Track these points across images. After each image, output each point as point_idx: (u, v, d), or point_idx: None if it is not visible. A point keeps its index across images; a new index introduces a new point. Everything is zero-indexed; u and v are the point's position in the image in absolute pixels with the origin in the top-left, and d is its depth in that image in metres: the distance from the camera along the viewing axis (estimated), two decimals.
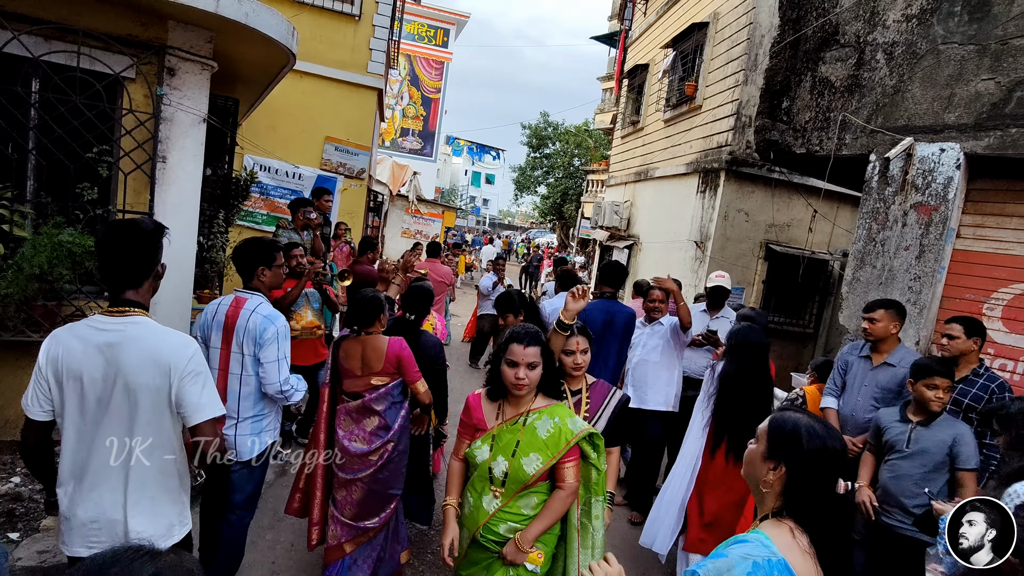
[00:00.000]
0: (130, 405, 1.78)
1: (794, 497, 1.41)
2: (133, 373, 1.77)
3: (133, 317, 1.83)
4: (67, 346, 1.78)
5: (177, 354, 1.82)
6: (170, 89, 3.57)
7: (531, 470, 2.09)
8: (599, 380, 2.80)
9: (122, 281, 1.85)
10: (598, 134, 29.41)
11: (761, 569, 1.30)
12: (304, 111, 8.94)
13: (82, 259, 3.24)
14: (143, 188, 3.55)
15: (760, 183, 8.61)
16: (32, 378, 1.81)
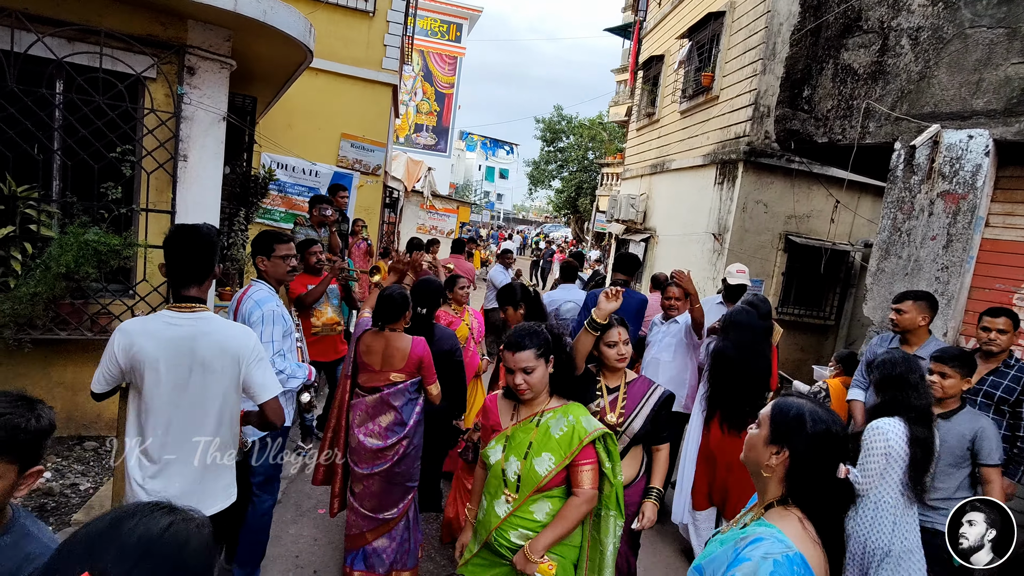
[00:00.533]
0: (204, 389, 2.02)
1: (798, 482, 1.42)
2: (207, 362, 2.00)
3: (200, 313, 2.05)
4: (141, 338, 1.98)
5: (244, 344, 2.07)
6: (190, 88, 3.59)
7: (543, 471, 2.02)
8: (640, 376, 2.76)
9: (188, 279, 2.04)
10: (612, 127, 29.22)
11: (782, 567, 1.31)
12: (320, 109, 8.98)
13: (107, 258, 3.29)
14: (165, 187, 3.58)
15: (779, 173, 8.49)
16: (101, 362, 2.05)
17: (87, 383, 3.72)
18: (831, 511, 1.43)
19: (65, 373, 3.57)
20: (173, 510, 0.81)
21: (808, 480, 1.41)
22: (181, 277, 2.04)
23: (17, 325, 3.21)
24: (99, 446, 3.58)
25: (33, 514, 1.28)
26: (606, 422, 2.59)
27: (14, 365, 3.44)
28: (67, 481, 3.21)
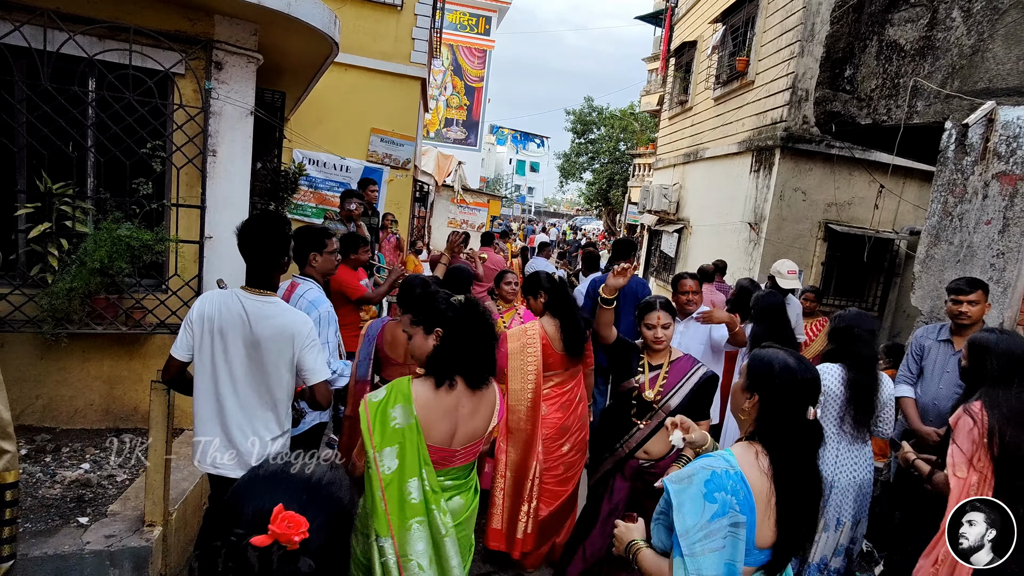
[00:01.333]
0: (262, 363, 2.26)
1: (764, 422, 1.62)
2: (267, 340, 2.24)
3: (268, 297, 2.30)
4: (218, 308, 2.26)
5: (300, 329, 2.29)
6: (218, 83, 3.61)
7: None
8: (685, 355, 2.86)
9: (258, 268, 2.30)
10: (644, 117, 28.75)
11: (718, 478, 1.54)
12: (350, 104, 9.02)
13: (140, 253, 3.32)
14: (195, 182, 3.61)
15: (818, 160, 8.20)
16: (181, 328, 2.31)
17: (123, 376, 3.80)
18: (798, 450, 1.59)
19: (102, 367, 3.64)
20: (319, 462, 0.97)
21: (774, 421, 1.60)
22: (252, 265, 2.29)
23: (55, 320, 3.28)
24: (135, 438, 3.64)
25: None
26: (644, 397, 2.76)
27: (53, 359, 3.52)
28: (104, 472, 3.27)
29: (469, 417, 2.01)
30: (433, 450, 1.93)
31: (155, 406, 2.73)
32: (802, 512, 1.58)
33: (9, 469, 2.21)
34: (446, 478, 2.00)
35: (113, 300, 3.41)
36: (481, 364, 2.03)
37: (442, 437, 1.96)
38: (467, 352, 1.99)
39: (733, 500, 1.51)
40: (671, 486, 1.58)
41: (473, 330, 2.00)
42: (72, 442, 3.52)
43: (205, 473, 3.34)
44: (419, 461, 1.89)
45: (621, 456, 2.80)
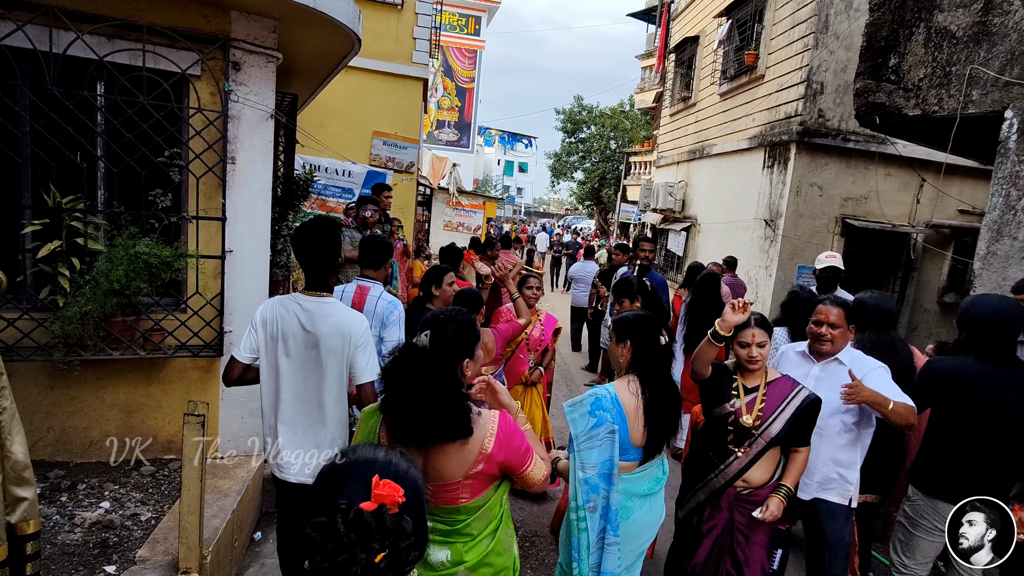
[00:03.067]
0: (321, 361, 2.39)
1: (635, 360, 2.45)
2: (325, 338, 2.38)
3: (325, 298, 2.43)
4: (280, 313, 2.40)
5: (355, 328, 2.42)
6: (236, 85, 3.34)
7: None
8: (783, 376, 2.64)
9: (314, 271, 2.43)
10: (635, 115, 28.63)
11: (600, 399, 2.34)
12: (351, 107, 8.75)
13: (158, 271, 3.06)
14: (214, 192, 3.34)
15: (834, 154, 8.04)
16: (246, 332, 2.45)
17: (141, 403, 3.52)
18: (659, 370, 2.45)
19: (118, 394, 3.36)
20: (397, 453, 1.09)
21: (642, 354, 2.43)
22: (309, 269, 2.44)
23: (67, 346, 3.01)
24: (157, 470, 3.36)
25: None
26: (741, 423, 2.55)
27: (65, 388, 3.25)
28: (127, 511, 2.99)
29: (431, 457, 1.74)
30: None
31: (188, 441, 2.47)
32: (663, 416, 2.38)
33: (28, 519, 1.97)
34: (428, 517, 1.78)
35: (130, 323, 3.14)
36: (418, 424, 1.69)
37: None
38: (400, 411, 1.71)
39: (608, 415, 2.29)
40: (567, 408, 2.38)
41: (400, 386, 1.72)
42: (88, 477, 3.24)
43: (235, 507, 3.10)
44: None
45: (717, 487, 2.58)
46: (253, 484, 3.50)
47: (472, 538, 1.82)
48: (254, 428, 3.67)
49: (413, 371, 1.70)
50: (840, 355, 2.78)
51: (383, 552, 0.89)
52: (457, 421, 1.70)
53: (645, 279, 5.58)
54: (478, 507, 1.80)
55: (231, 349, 3.54)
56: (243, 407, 3.63)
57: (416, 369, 1.70)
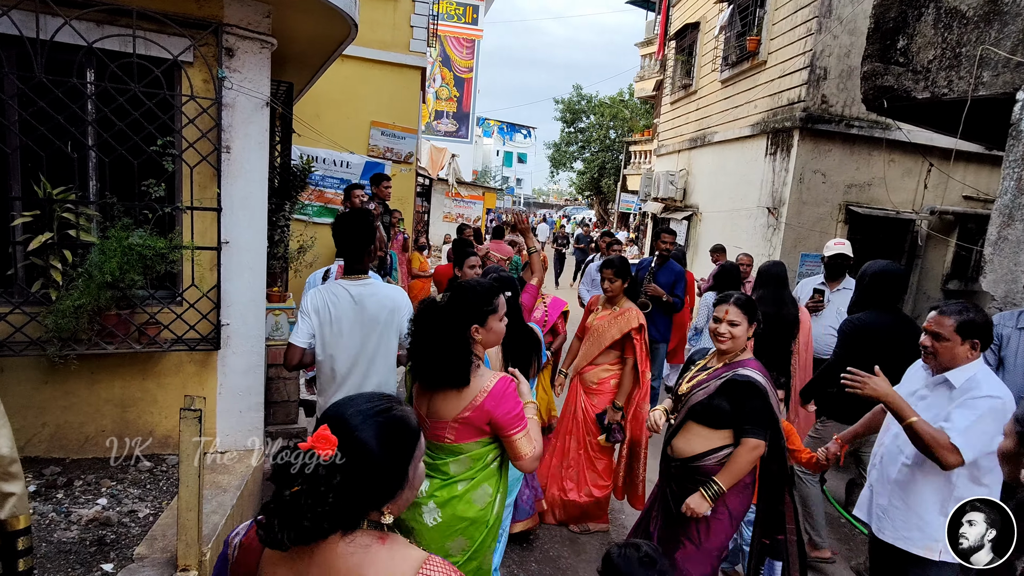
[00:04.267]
0: (375, 339, 2.71)
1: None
2: (376, 316, 2.70)
3: (366, 280, 2.74)
4: (329, 299, 2.68)
5: (398, 300, 2.77)
6: (229, 71, 3.26)
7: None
8: (750, 360, 2.57)
9: (355, 257, 2.74)
10: (634, 104, 28.47)
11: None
12: (348, 97, 8.65)
13: (153, 263, 2.99)
14: (208, 182, 3.26)
15: (837, 140, 7.95)
16: (299, 320, 2.71)
17: (137, 398, 3.45)
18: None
19: (113, 389, 3.30)
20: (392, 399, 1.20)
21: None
22: (350, 255, 2.74)
23: (61, 340, 2.94)
24: (155, 466, 3.31)
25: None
26: (678, 391, 2.73)
27: (59, 383, 3.18)
28: (124, 508, 2.94)
29: (433, 396, 2.09)
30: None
31: (185, 436, 2.41)
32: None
33: (17, 514, 1.90)
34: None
35: (125, 316, 3.07)
36: (426, 369, 2.08)
37: (418, 401, 2.13)
38: (415, 357, 2.10)
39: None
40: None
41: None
42: (84, 473, 3.18)
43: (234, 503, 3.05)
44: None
45: (663, 451, 2.73)
46: (252, 480, 3.45)
47: (447, 477, 2.07)
48: (253, 423, 3.62)
49: (428, 324, 2.05)
50: (951, 375, 2.34)
51: (296, 487, 1.01)
52: (457, 371, 2.01)
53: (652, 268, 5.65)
54: (458, 452, 2.07)
55: (229, 342, 3.49)
56: (242, 401, 3.57)
57: (430, 322, 2.05)
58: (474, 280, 2.31)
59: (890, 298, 3.48)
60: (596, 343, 3.80)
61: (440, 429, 2.05)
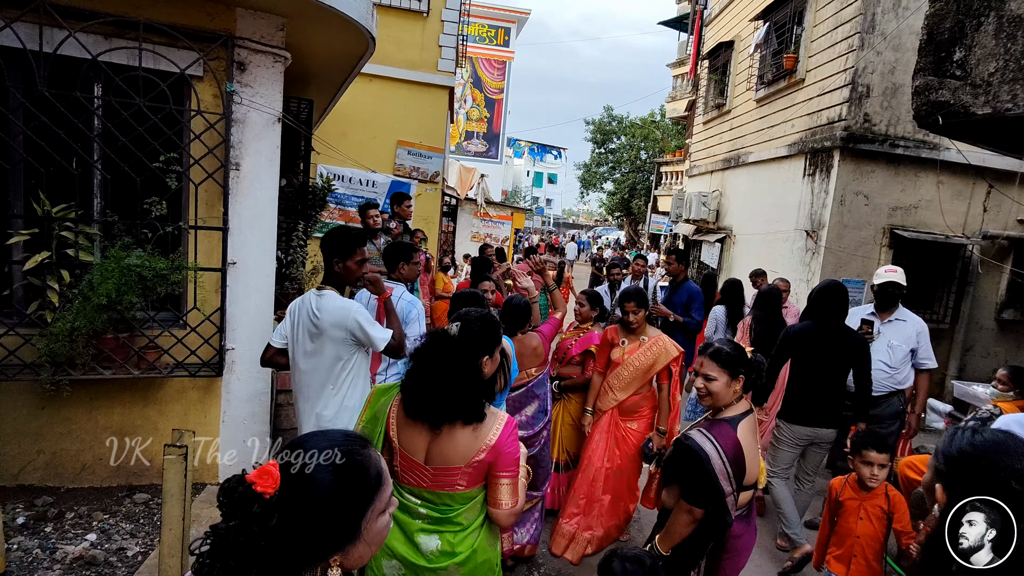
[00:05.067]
0: (326, 345, 2.62)
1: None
2: (324, 327, 2.60)
3: (325, 291, 2.67)
4: (299, 304, 2.67)
5: (347, 314, 2.62)
6: (240, 86, 3.13)
7: None
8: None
9: (325, 267, 2.71)
10: (665, 125, 28.21)
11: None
12: (375, 116, 8.60)
13: (154, 284, 2.84)
14: (216, 200, 3.13)
15: (881, 161, 7.55)
16: (281, 323, 2.70)
17: (137, 426, 3.29)
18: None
19: (112, 416, 3.15)
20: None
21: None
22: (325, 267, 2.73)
23: (55, 365, 2.81)
24: (151, 498, 3.14)
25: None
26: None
27: (56, 409, 3.04)
28: (113, 545, 2.76)
29: (439, 440, 1.81)
30: (403, 456, 1.83)
31: (169, 476, 2.22)
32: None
33: None
34: (420, 503, 1.84)
35: (123, 340, 2.92)
36: (438, 402, 1.80)
37: (412, 446, 1.83)
38: (422, 389, 1.83)
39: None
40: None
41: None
42: (78, 505, 3.02)
43: None
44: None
45: None
46: None
47: (462, 528, 1.85)
48: (259, 451, 3.43)
49: (441, 353, 1.83)
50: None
51: (232, 522, 0.93)
52: (474, 405, 1.81)
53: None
54: (470, 498, 1.85)
55: (233, 367, 3.32)
56: (247, 428, 3.39)
57: (444, 352, 1.83)
58: (473, 308, 2.11)
59: (831, 311, 3.74)
60: (640, 376, 3.57)
61: (450, 476, 1.81)
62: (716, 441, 2.12)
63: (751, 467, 2.10)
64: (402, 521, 1.82)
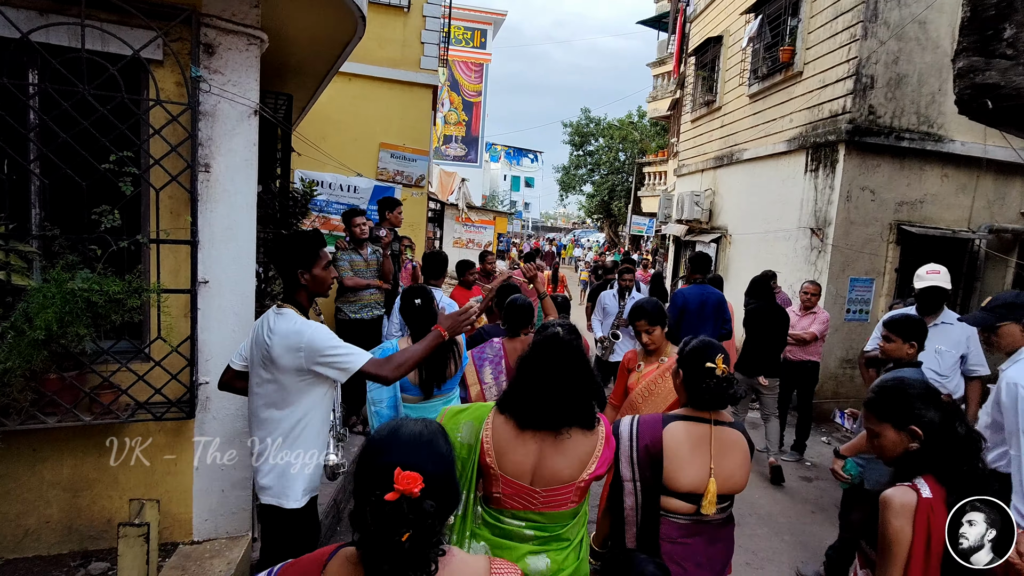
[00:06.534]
0: (276, 374, 2.14)
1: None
2: (276, 353, 2.12)
3: (283, 310, 2.20)
4: (258, 325, 2.24)
5: (302, 340, 2.12)
6: (209, 72, 2.64)
7: None
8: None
9: (283, 281, 2.26)
10: (643, 126, 28.08)
11: (386, 350, 2.83)
12: (355, 117, 8.10)
13: (106, 311, 2.33)
14: (182, 208, 2.62)
15: (886, 154, 7.28)
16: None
17: (92, 480, 2.73)
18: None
19: (61, 470, 2.62)
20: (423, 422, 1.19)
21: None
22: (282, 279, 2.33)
23: None
24: (109, 568, 2.61)
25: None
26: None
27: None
28: None
29: (552, 455, 1.77)
30: (507, 482, 1.77)
31: (127, 560, 1.73)
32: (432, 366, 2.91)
33: None
34: (526, 524, 1.78)
35: (71, 380, 2.40)
36: (562, 405, 1.77)
37: (517, 470, 1.76)
38: (544, 394, 1.78)
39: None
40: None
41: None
42: None
43: None
44: (466, 483, 1.79)
45: None
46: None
47: (569, 543, 1.83)
48: (239, 504, 2.93)
49: (563, 354, 1.80)
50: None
51: (408, 533, 1.01)
52: (595, 400, 1.83)
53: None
54: (578, 511, 1.85)
55: (208, 405, 2.81)
56: (225, 478, 2.88)
57: (565, 346, 1.81)
58: (552, 321, 2.06)
59: (765, 292, 5.52)
60: (661, 401, 3.05)
61: (564, 493, 1.77)
62: (637, 427, 2.04)
63: (676, 472, 1.93)
64: (506, 548, 1.76)
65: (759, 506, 4.71)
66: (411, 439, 1.11)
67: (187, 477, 2.82)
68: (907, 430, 1.74)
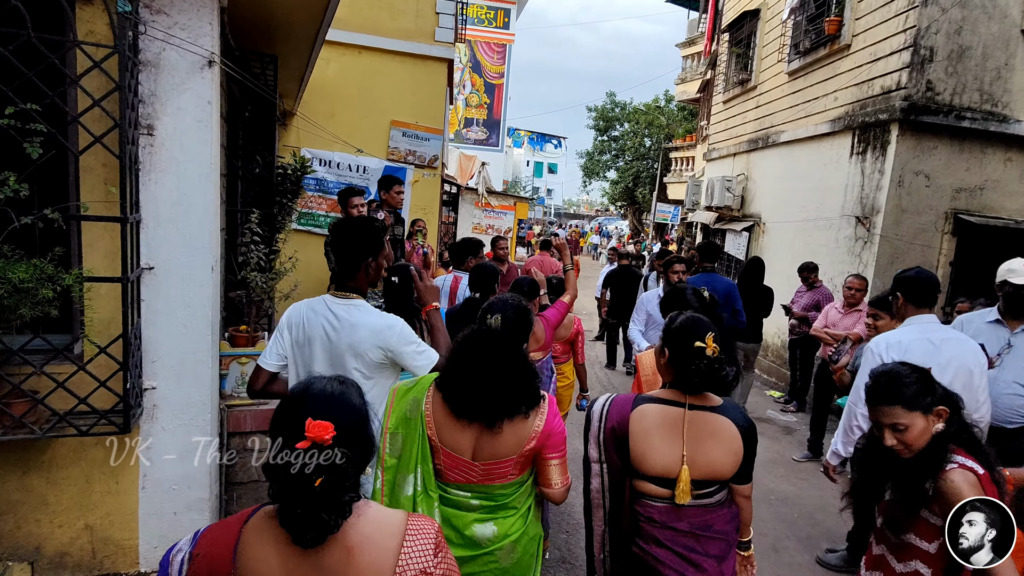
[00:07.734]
0: (349, 368, 2.14)
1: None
2: (352, 342, 2.14)
3: (355, 300, 2.21)
4: (306, 315, 2.19)
5: (388, 334, 2.16)
6: (152, 13, 2.16)
7: None
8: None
9: (343, 272, 2.21)
10: (670, 110, 27.18)
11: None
12: (365, 93, 7.61)
13: (13, 303, 1.88)
14: (114, 177, 2.15)
15: (944, 135, 6.57)
16: (272, 337, 2.20)
17: (15, 501, 2.09)
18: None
19: None
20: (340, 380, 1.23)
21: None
22: (341, 268, 2.21)
23: None
24: None
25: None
26: None
27: None
28: None
29: (489, 439, 1.75)
30: (447, 455, 1.77)
31: None
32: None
33: None
34: (471, 495, 1.80)
35: None
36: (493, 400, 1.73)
37: (457, 445, 1.77)
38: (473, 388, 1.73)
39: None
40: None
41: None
42: None
43: None
44: (417, 457, 1.78)
45: None
46: None
47: (516, 511, 1.85)
48: (194, 528, 2.49)
49: (490, 348, 1.77)
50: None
51: (319, 478, 1.04)
52: (532, 395, 1.79)
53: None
54: (523, 482, 1.86)
55: (156, 414, 2.37)
56: (178, 498, 2.45)
57: (493, 346, 1.78)
58: (501, 296, 2.32)
59: (758, 274, 6.26)
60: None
61: (503, 467, 1.79)
62: (608, 408, 1.98)
63: (644, 456, 1.84)
64: (452, 516, 1.78)
65: (778, 491, 4.72)
66: (322, 393, 1.16)
67: (132, 497, 2.39)
68: (934, 413, 1.72)
